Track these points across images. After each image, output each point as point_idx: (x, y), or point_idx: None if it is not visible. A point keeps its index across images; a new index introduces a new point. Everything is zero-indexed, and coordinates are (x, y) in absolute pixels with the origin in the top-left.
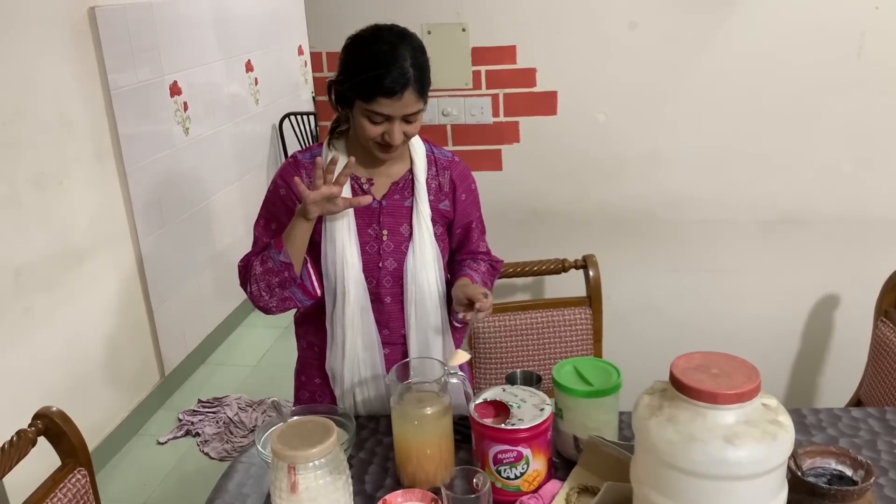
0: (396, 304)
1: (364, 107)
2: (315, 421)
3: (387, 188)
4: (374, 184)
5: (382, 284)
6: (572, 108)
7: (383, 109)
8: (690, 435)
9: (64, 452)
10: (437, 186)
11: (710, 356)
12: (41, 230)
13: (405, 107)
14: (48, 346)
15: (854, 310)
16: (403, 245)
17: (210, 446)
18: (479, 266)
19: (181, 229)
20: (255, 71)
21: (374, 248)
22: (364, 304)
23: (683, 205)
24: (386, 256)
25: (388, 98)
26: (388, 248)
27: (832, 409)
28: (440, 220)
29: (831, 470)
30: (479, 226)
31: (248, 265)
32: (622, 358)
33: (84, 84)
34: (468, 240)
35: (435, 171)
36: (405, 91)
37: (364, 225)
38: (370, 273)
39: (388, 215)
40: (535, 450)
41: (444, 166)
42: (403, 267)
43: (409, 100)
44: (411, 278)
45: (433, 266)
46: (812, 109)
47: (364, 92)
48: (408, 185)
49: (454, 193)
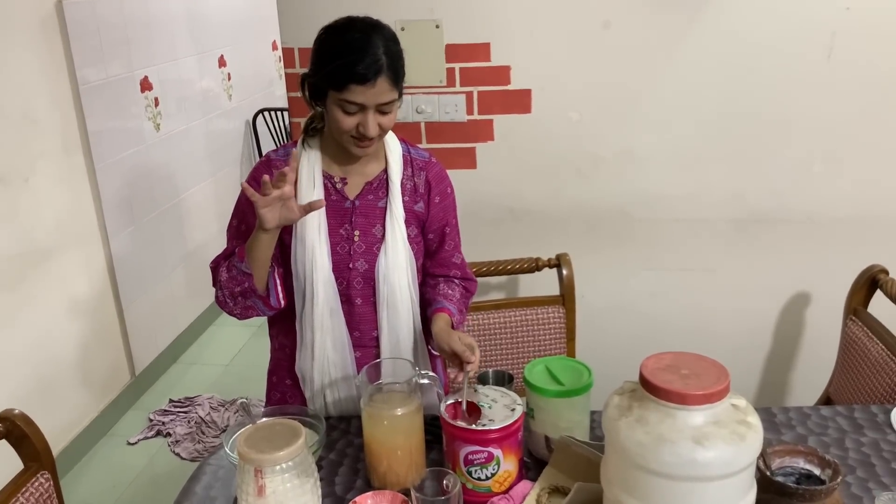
0: (368, 306)
1: (337, 96)
2: (283, 423)
3: (360, 188)
4: (347, 183)
5: (353, 286)
6: (546, 106)
7: (356, 98)
8: (660, 436)
9: (27, 456)
10: (412, 187)
11: (680, 356)
12: (5, 228)
13: (378, 95)
14: (14, 346)
15: (824, 308)
16: (375, 246)
17: (181, 446)
18: (453, 293)
19: (152, 227)
20: (228, 66)
21: (345, 248)
22: (334, 305)
23: (657, 203)
24: (357, 257)
25: (361, 85)
26: (359, 249)
27: (801, 407)
28: (415, 221)
29: (800, 469)
30: (455, 235)
31: (216, 268)
32: (595, 357)
33: (51, 79)
34: (441, 249)
35: (411, 172)
36: (378, 78)
37: (336, 225)
38: (340, 274)
39: (361, 216)
40: (506, 450)
41: (420, 167)
42: (375, 268)
43: (383, 87)
44: (383, 280)
45: (406, 268)
46: (783, 109)
47: (336, 80)
48: (382, 185)
49: (429, 195)
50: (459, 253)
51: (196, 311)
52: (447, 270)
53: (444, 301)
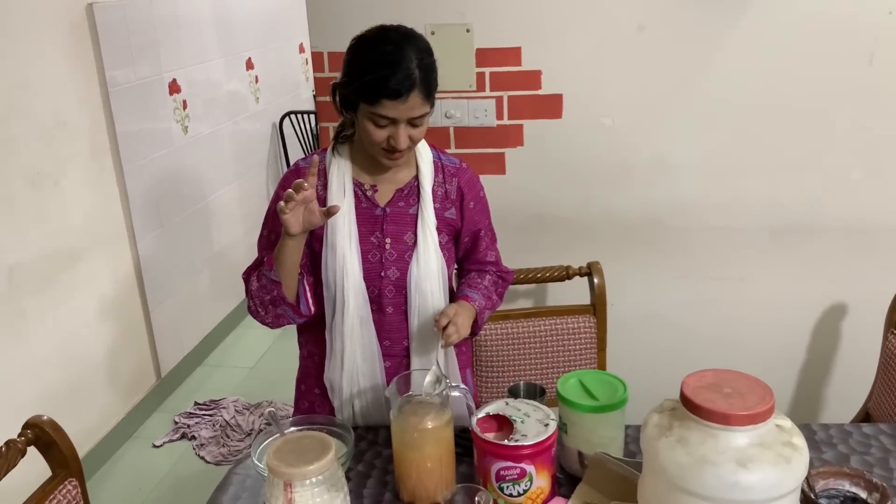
0: (399, 315)
1: (368, 110)
2: (312, 436)
3: (391, 195)
4: (378, 190)
5: (384, 294)
6: (578, 111)
7: (388, 112)
8: (702, 457)
9: (54, 462)
10: (443, 194)
11: (721, 374)
12: (36, 230)
13: (410, 109)
14: (42, 347)
15: (862, 320)
16: (407, 254)
17: (206, 450)
18: (481, 280)
19: (179, 229)
20: (256, 69)
21: (377, 256)
22: (364, 314)
23: (690, 212)
24: (388, 265)
25: (393, 100)
26: (390, 257)
27: (843, 424)
28: (445, 228)
29: (844, 492)
30: (489, 234)
31: (248, 279)
32: (626, 367)
33: (81, 81)
34: (476, 248)
35: (441, 179)
36: (410, 93)
37: (367, 233)
38: (372, 282)
39: (392, 223)
40: (539, 466)
41: (451, 173)
42: (407, 276)
43: (415, 102)
44: (415, 288)
45: (437, 276)
46: (822, 116)
47: (368, 94)
48: (413, 192)
49: (462, 201)
50: (493, 251)
51: (222, 314)
52: (482, 266)
53: (468, 290)
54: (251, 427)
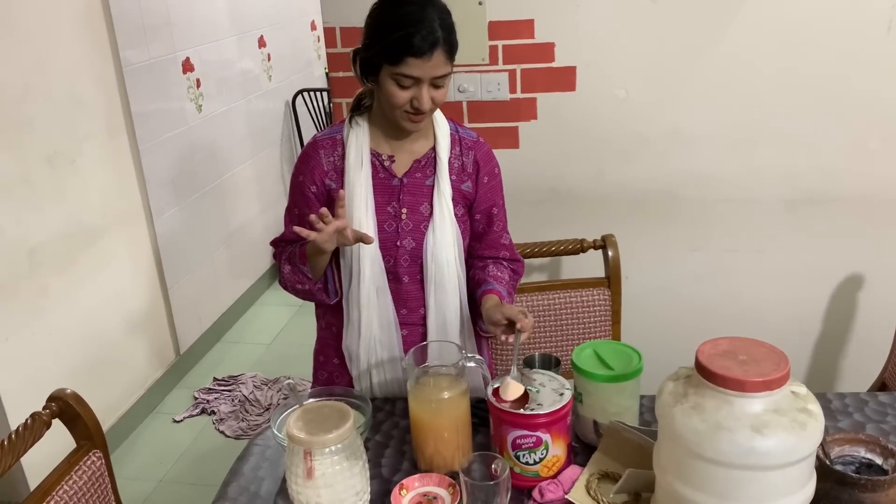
0: (415, 284)
1: (392, 70)
2: (331, 405)
3: (408, 165)
4: (395, 161)
5: (400, 263)
6: (592, 84)
7: (412, 71)
8: (717, 423)
9: (79, 434)
10: (459, 166)
11: (736, 342)
12: (54, 209)
13: (434, 68)
14: (64, 325)
15: (879, 290)
16: (423, 224)
17: (226, 424)
18: (502, 275)
19: (195, 207)
20: (268, 47)
21: (393, 226)
22: (380, 283)
23: (705, 183)
24: (404, 235)
25: (418, 58)
26: (406, 227)
27: (858, 393)
28: (461, 200)
29: (860, 458)
30: (502, 216)
31: (277, 253)
32: (641, 339)
33: (95, 61)
34: (490, 230)
35: (458, 151)
36: (434, 51)
37: (383, 203)
38: (387, 252)
39: (409, 193)
40: (555, 435)
41: (468, 146)
42: (422, 246)
43: (439, 60)
44: (431, 258)
45: (453, 246)
46: (839, 85)
47: (392, 53)
48: (430, 163)
49: (477, 175)
50: (507, 234)
51: (239, 291)
52: (496, 252)
53: (494, 283)
54: (269, 402)
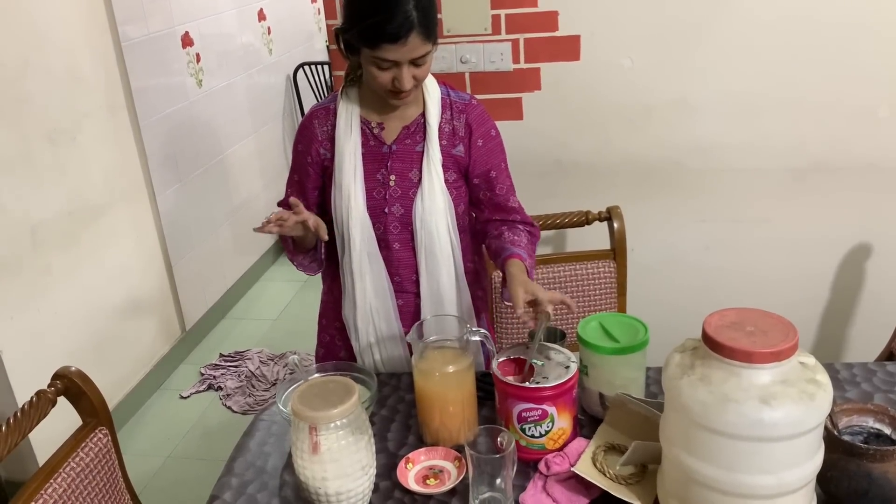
0: (407, 251)
1: (370, 54)
2: (336, 380)
3: (398, 132)
4: (385, 128)
5: (389, 230)
6: (596, 53)
7: (389, 55)
8: (724, 395)
9: (84, 412)
10: (450, 131)
11: (744, 313)
12: (56, 187)
13: (412, 51)
14: (69, 303)
15: (887, 260)
16: (412, 191)
17: (232, 400)
18: (520, 238)
19: (198, 183)
20: (268, 20)
21: (381, 193)
22: (371, 249)
23: (711, 153)
24: (392, 202)
25: (393, 44)
26: (394, 194)
27: (866, 363)
28: (453, 166)
29: (868, 428)
30: (505, 179)
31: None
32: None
33: (94, 36)
34: (493, 193)
35: (450, 115)
36: (409, 35)
37: (373, 170)
38: (376, 218)
39: (398, 160)
40: (561, 408)
41: (460, 109)
42: (412, 213)
43: (415, 43)
44: (420, 224)
45: (444, 213)
46: (846, 51)
47: (368, 39)
48: (419, 129)
49: (470, 138)
50: (514, 197)
51: (244, 267)
52: (506, 215)
53: (514, 247)
54: (276, 377)
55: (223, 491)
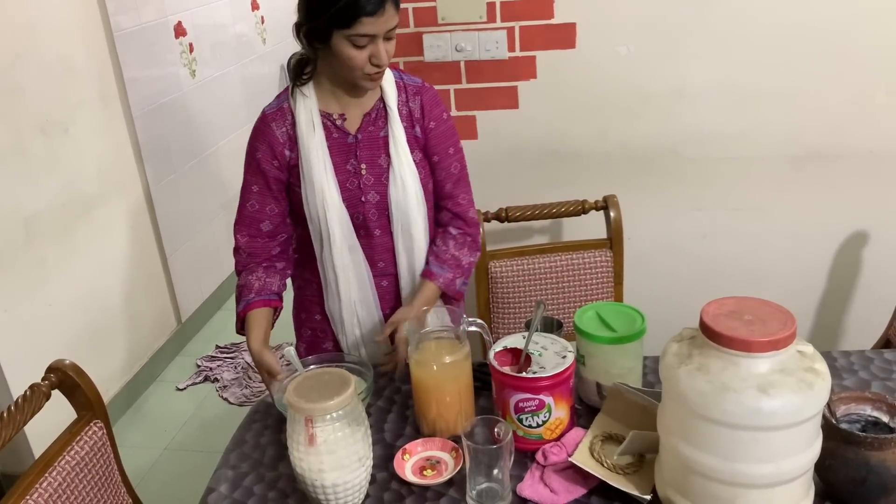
0: (387, 236)
1: (346, 33)
2: (332, 372)
3: (360, 121)
4: (346, 118)
5: (369, 218)
6: (592, 41)
7: (367, 29)
8: (722, 384)
9: (79, 405)
10: (407, 113)
11: (742, 301)
12: (49, 178)
13: (387, 21)
14: (63, 295)
15: (885, 247)
16: (383, 176)
17: (229, 392)
18: (446, 248)
19: (192, 174)
20: (262, 9)
21: (355, 183)
22: (352, 242)
23: (708, 141)
24: (367, 190)
25: (371, 16)
26: (368, 182)
27: (863, 351)
28: (417, 146)
29: (866, 416)
30: (448, 165)
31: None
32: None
33: (86, 27)
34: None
35: (405, 98)
36: (385, 5)
37: (342, 162)
38: (354, 209)
39: (365, 148)
40: (558, 398)
41: (414, 92)
42: (387, 197)
43: (390, 14)
44: (395, 207)
45: (415, 192)
46: (844, 36)
47: (344, 17)
48: (381, 114)
49: (423, 120)
50: (455, 184)
51: None
52: (439, 200)
53: (433, 264)
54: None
55: (219, 483)
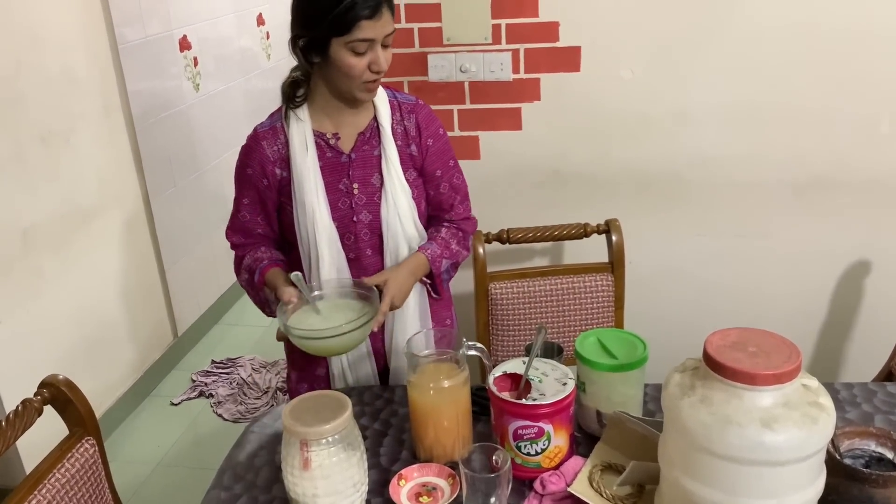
0: (377, 256)
1: (345, 40)
2: (328, 395)
3: (354, 140)
4: (340, 137)
5: (360, 238)
6: (596, 64)
7: (366, 34)
8: (726, 417)
9: (71, 421)
10: (402, 131)
11: (746, 332)
12: (49, 189)
13: (385, 26)
14: (59, 307)
15: (887, 277)
16: (376, 196)
17: (223, 408)
18: (437, 232)
19: (193, 188)
20: (267, 25)
21: (346, 203)
22: (340, 265)
23: (711, 166)
24: (359, 209)
25: (370, 20)
26: (360, 202)
27: (866, 383)
28: (411, 164)
29: (870, 452)
30: (450, 178)
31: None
32: (645, 326)
33: (90, 38)
34: (437, 191)
35: (399, 116)
36: (382, 8)
37: (334, 181)
38: (345, 228)
39: (358, 168)
40: (557, 426)
41: (408, 110)
42: (379, 217)
43: (387, 18)
44: (386, 227)
45: (408, 213)
46: (848, 65)
47: (343, 24)
48: (374, 133)
49: (420, 138)
50: (455, 193)
51: None
52: (442, 213)
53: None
54: (268, 385)
55: None
